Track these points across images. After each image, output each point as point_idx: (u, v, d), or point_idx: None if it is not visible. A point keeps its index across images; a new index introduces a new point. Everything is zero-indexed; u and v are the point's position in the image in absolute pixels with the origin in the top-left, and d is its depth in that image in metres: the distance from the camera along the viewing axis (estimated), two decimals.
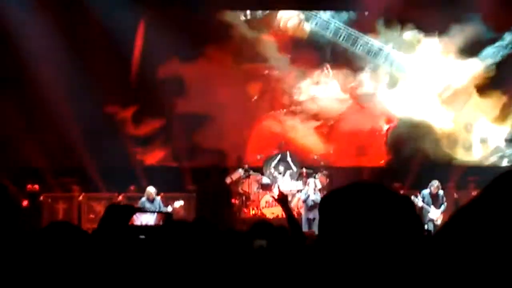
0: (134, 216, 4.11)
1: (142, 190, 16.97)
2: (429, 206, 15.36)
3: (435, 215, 15.31)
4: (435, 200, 15.49)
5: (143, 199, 15.41)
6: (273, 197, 12.31)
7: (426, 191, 15.60)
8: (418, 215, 1.89)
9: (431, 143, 18.10)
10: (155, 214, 4.24)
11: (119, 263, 3.77)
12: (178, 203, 15.95)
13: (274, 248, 5.39)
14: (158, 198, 15.48)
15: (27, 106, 17.26)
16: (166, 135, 17.89)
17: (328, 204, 1.92)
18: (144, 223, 4.22)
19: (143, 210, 4.04)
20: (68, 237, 3.45)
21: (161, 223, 4.18)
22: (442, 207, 15.43)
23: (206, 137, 17.50)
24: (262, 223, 9.63)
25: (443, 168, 17.27)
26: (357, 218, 1.83)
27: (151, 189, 15.46)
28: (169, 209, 15.60)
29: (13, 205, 3.62)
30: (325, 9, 18.14)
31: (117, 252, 3.97)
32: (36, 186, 16.95)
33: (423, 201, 15.42)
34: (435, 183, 15.56)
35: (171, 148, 18.01)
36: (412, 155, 17.77)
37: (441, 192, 15.59)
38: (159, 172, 16.72)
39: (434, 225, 14.93)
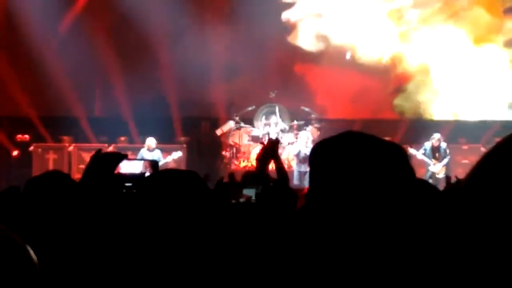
0: (121, 164, 4.10)
1: (132, 141, 17.02)
2: (430, 159, 15.35)
3: (436, 168, 15.26)
4: (436, 153, 15.37)
5: (143, 149, 15.48)
6: (262, 143, 12.29)
7: (428, 144, 15.49)
8: (409, 162, 1.88)
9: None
10: (142, 162, 4.21)
11: (106, 211, 3.76)
12: (177, 154, 15.96)
13: (262, 200, 5.39)
14: (158, 149, 15.56)
15: (18, 54, 17.09)
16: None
17: (317, 154, 1.92)
18: (130, 171, 4.20)
19: (129, 158, 4.00)
20: (60, 187, 3.46)
21: (147, 171, 4.16)
22: (445, 160, 15.28)
23: (197, 87, 17.36)
24: (252, 173, 9.68)
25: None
26: (347, 166, 1.83)
27: (151, 140, 15.52)
28: (168, 159, 15.67)
29: None
30: None
31: (103, 200, 3.96)
32: (27, 136, 16.95)
33: (424, 154, 15.38)
34: (437, 135, 15.47)
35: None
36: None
37: (443, 144, 15.45)
38: (149, 123, 16.66)
39: (436, 178, 14.75)
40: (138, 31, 16.90)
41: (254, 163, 16.07)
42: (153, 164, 4.20)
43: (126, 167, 4.18)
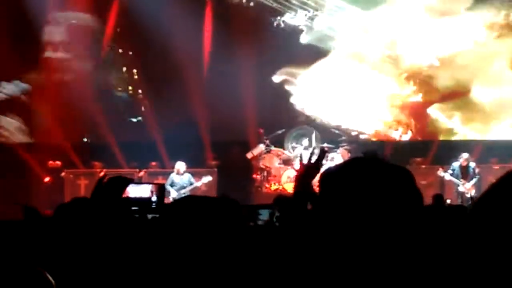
0: (128, 188, 4.08)
1: (163, 166, 17.08)
2: (459, 179, 15.16)
3: (465, 188, 15.10)
4: (465, 172, 15.23)
5: (173, 173, 15.54)
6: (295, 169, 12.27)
7: (456, 164, 15.38)
8: (416, 187, 1.87)
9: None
10: (149, 186, 4.18)
11: (113, 235, 3.74)
12: (207, 179, 15.98)
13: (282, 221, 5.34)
14: (188, 173, 15.64)
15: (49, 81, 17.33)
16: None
17: (326, 180, 1.92)
18: (138, 195, 4.17)
19: (137, 181, 4.00)
20: (89, 214, 3.47)
21: (154, 195, 4.13)
22: (474, 180, 15.11)
23: (227, 110, 17.41)
24: (283, 197, 9.64)
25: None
26: (354, 193, 1.83)
27: (180, 164, 15.58)
28: (198, 184, 15.68)
29: None
30: None
31: (110, 223, 3.94)
32: (58, 162, 17.11)
33: (452, 174, 15.23)
34: (465, 155, 15.35)
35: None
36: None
37: (472, 164, 15.33)
38: (180, 147, 16.74)
39: (465, 198, 14.60)
40: (168, 56, 17.02)
41: (285, 186, 16.10)
42: (160, 188, 4.16)
43: (134, 191, 4.15)
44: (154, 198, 4.16)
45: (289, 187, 16.03)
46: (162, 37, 16.74)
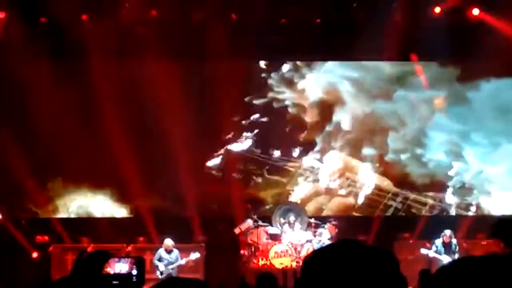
0: (108, 263, 4.17)
1: (152, 241, 17.08)
2: (441, 255, 15.24)
3: None
4: (447, 249, 15.34)
5: (161, 249, 15.57)
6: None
7: (438, 241, 15.49)
8: (399, 272, 1.88)
9: None
10: (129, 259, 4.28)
11: None
12: (194, 255, 15.98)
13: None
14: (176, 250, 15.64)
15: (33, 152, 17.31)
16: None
17: (309, 264, 1.93)
18: (118, 270, 4.26)
19: (116, 256, 4.08)
20: None
21: (133, 269, 4.22)
22: (455, 256, 15.22)
23: (215, 186, 17.54)
24: (267, 275, 9.65)
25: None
26: (339, 277, 1.83)
27: (168, 241, 15.65)
28: (183, 262, 15.66)
29: None
30: None
31: None
32: (46, 237, 17.08)
33: (436, 251, 15.34)
34: (448, 232, 15.48)
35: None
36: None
37: (454, 241, 15.47)
38: (168, 222, 16.82)
39: None
40: (157, 134, 17.20)
41: (272, 261, 16.10)
42: (138, 261, 4.26)
43: (114, 265, 4.25)
44: (134, 272, 4.25)
45: (276, 263, 16.04)
46: (152, 116, 17.04)
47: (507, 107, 17.88)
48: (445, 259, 15.11)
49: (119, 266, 4.25)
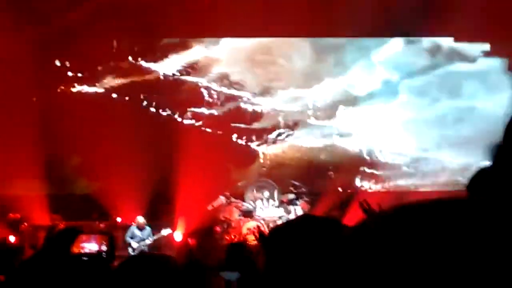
0: (78, 240, 4.14)
1: (125, 219, 17.00)
2: None
3: None
4: None
5: (133, 227, 15.54)
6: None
7: None
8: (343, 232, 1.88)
9: None
10: (100, 236, 4.27)
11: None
12: (166, 231, 15.97)
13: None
14: (148, 227, 15.65)
15: None
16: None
17: (272, 239, 1.98)
18: (88, 247, 4.25)
19: (86, 232, 4.07)
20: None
21: (104, 246, 4.21)
22: None
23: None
24: (236, 244, 9.63)
25: None
26: (300, 249, 1.86)
27: (140, 219, 15.64)
28: (156, 237, 15.66)
29: None
30: None
31: (59, 275, 3.99)
32: (17, 215, 16.93)
33: None
34: None
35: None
36: None
37: None
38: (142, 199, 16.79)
39: None
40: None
41: (246, 237, 16.11)
42: (109, 238, 4.25)
43: (83, 242, 4.24)
44: (104, 248, 4.24)
45: (250, 239, 16.06)
46: None
47: None
48: None
49: (89, 243, 4.24)
